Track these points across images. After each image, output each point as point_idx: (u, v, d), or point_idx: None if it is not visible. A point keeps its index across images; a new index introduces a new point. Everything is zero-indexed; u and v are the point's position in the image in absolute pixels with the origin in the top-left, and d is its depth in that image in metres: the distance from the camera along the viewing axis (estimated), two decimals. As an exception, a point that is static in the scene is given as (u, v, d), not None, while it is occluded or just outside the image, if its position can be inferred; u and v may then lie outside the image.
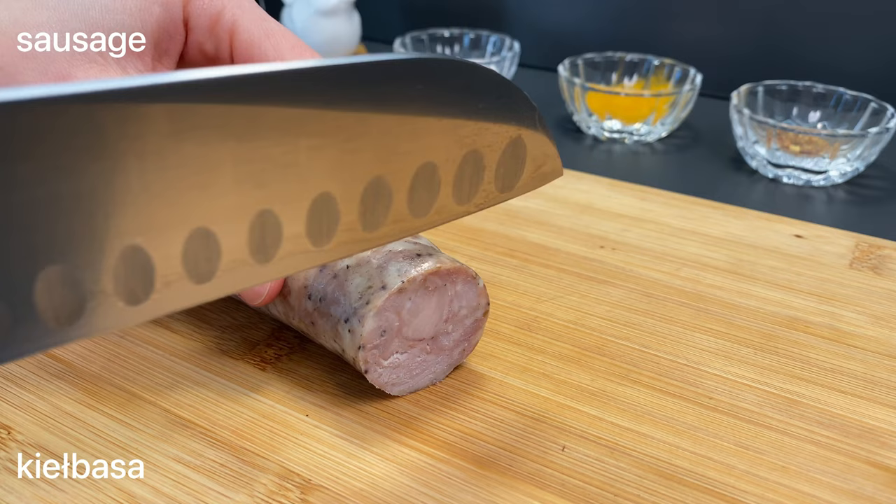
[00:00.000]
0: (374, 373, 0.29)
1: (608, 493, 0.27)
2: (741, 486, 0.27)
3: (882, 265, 0.41)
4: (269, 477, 0.27)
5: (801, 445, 0.29)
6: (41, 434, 0.29)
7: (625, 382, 0.32)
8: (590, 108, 0.59)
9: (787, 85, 0.57)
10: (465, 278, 0.30)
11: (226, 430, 0.29)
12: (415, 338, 0.30)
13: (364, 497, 0.26)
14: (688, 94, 0.57)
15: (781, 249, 0.42)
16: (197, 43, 0.30)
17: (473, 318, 0.31)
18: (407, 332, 0.29)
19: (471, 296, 0.31)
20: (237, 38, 0.30)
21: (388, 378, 0.30)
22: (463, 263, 0.30)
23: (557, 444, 0.29)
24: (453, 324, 0.31)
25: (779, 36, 0.67)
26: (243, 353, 0.33)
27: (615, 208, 0.46)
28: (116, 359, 0.33)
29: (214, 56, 0.31)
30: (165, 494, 0.26)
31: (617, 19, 0.73)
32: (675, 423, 0.30)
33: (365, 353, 0.28)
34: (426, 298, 0.29)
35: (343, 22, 0.69)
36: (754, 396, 0.31)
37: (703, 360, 0.33)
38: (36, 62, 0.27)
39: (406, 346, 0.30)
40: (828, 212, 0.49)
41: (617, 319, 0.36)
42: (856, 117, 0.54)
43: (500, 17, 0.78)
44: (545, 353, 0.34)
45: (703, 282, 0.39)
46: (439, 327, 0.30)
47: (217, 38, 0.30)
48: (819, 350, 0.34)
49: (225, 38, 0.30)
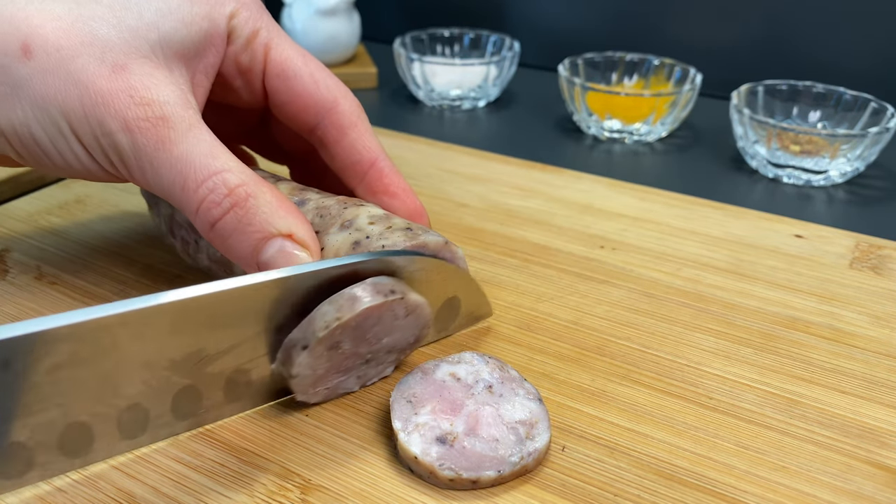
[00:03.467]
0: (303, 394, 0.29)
1: (608, 493, 0.27)
2: (741, 486, 0.27)
3: (882, 265, 0.41)
4: (269, 477, 0.27)
5: (801, 445, 0.29)
6: (41, 434, 0.29)
7: (625, 382, 0.32)
8: (590, 107, 0.59)
9: (788, 85, 0.57)
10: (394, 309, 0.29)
11: (226, 430, 0.29)
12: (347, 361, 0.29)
13: (364, 497, 0.26)
14: (688, 93, 0.57)
15: (781, 249, 0.42)
16: (234, 54, 0.32)
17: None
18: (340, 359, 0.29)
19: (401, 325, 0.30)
20: (272, 52, 0.32)
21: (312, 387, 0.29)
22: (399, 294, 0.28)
23: (557, 444, 0.29)
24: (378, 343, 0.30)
25: (779, 36, 0.67)
26: (243, 353, 0.33)
27: (615, 208, 0.46)
28: (116, 359, 0.33)
29: (248, 68, 0.33)
30: (165, 494, 0.26)
31: (617, 19, 0.73)
32: (676, 423, 0.30)
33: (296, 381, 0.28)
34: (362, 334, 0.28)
35: (343, 22, 0.69)
36: (754, 396, 0.31)
37: (703, 360, 0.33)
38: (94, 49, 0.28)
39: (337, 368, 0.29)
40: (828, 212, 0.49)
41: (617, 319, 0.36)
42: (856, 117, 0.54)
43: (500, 17, 0.78)
44: (545, 353, 0.34)
45: (703, 282, 0.39)
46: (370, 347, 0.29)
47: (253, 52, 0.32)
48: (819, 350, 0.34)
49: (260, 51, 0.32)
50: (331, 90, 0.33)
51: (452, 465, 0.26)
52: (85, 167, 0.29)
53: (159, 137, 0.27)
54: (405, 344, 0.31)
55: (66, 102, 0.27)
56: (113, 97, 0.27)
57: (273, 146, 0.39)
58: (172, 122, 0.28)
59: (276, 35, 0.33)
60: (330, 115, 0.33)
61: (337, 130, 0.33)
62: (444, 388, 0.29)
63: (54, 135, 0.28)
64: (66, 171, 0.30)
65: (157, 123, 0.27)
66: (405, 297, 0.28)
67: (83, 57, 0.27)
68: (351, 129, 0.33)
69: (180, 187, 0.28)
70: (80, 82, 0.27)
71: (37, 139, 0.28)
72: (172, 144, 0.27)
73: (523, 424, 0.28)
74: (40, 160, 0.29)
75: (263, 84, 0.33)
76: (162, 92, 0.28)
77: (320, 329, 0.27)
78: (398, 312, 0.28)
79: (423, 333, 0.31)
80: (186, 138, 0.28)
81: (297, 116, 0.34)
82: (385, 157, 0.34)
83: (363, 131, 0.34)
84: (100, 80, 0.27)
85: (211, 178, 0.28)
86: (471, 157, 0.53)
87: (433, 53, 0.70)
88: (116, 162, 0.28)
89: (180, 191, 0.28)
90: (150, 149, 0.27)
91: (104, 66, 0.28)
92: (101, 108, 0.27)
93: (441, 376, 0.30)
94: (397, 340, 0.30)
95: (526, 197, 0.48)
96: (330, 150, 0.34)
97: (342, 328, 0.27)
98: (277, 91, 0.33)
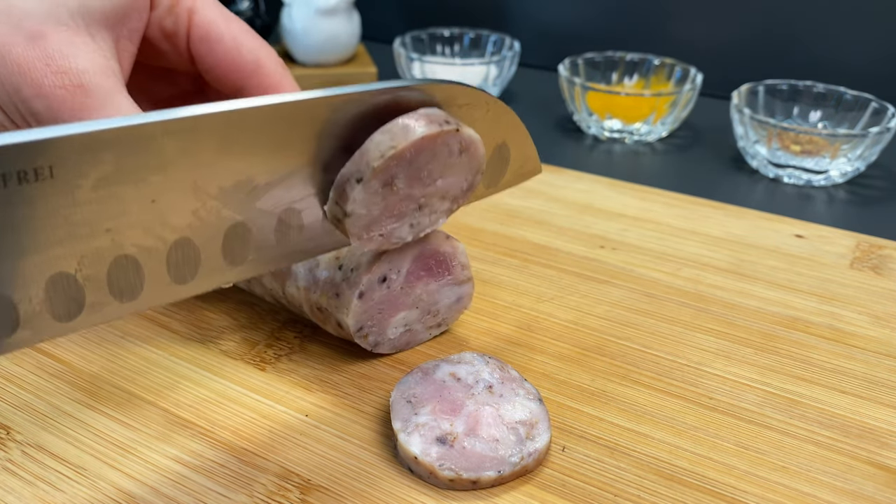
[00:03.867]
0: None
1: (608, 493, 0.27)
2: (741, 486, 0.27)
3: (882, 265, 0.41)
4: (268, 477, 0.27)
5: (801, 445, 0.29)
6: (41, 434, 0.29)
7: (625, 382, 0.32)
8: (590, 107, 0.59)
9: (788, 84, 0.57)
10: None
11: (226, 430, 0.29)
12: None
13: (364, 497, 0.26)
14: (688, 93, 0.57)
15: (782, 249, 0.42)
16: (158, 19, 0.33)
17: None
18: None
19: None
20: (196, 16, 0.33)
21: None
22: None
23: (557, 444, 0.29)
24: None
25: (779, 35, 0.67)
26: (243, 354, 0.33)
27: (615, 208, 0.46)
28: (116, 359, 0.33)
29: (173, 32, 0.33)
30: (165, 494, 0.26)
31: (617, 19, 0.72)
32: (676, 423, 0.30)
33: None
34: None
35: (343, 22, 0.69)
36: (755, 396, 0.31)
37: (703, 360, 0.33)
38: (11, 17, 0.28)
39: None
40: (828, 212, 0.49)
41: (617, 319, 0.36)
42: (856, 117, 0.54)
43: (500, 16, 0.78)
44: (545, 353, 0.34)
45: (703, 282, 0.39)
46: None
47: (177, 16, 0.33)
48: (820, 350, 0.34)
49: (184, 16, 0.33)
50: (252, 52, 0.34)
51: (452, 466, 0.26)
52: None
53: (77, 104, 0.28)
54: (458, 191, 0.30)
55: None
56: (29, 65, 0.28)
57: None
58: (90, 89, 0.28)
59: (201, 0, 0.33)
60: (254, 77, 0.34)
61: (262, 91, 0.34)
62: (445, 389, 0.29)
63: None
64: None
65: (74, 91, 0.28)
66: (460, 130, 0.28)
67: (1, 25, 0.28)
68: (274, 88, 0.34)
69: None
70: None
71: None
72: (90, 112, 0.28)
73: (523, 425, 0.28)
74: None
75: (188, 49, 0.34)
76: (80, 60, 0.28)
77: (375, 159, 0.26)
78: (453, 147, 0.28)
79: (476, 180, 0.30)
80: (105, 106, 0.28)
81: (223, 78, 0.34)
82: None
83: (287, 90, 0.34)
84: (16, 48, 0.28)
85: None
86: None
87: (433, 53, 0.70)
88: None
89: None
90: (66, 115, 0.28)
91: (20, 34, 0.28)
92: (17, 76, 0.28)
93: (441, 376, 0.30)
94: (450, 185, 0.29)
95: (526, 197, 0.47)
96: None
97: (397, 159, 0.26)
98: (202, 56, 0.34)
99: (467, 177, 0.29)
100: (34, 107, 0.28)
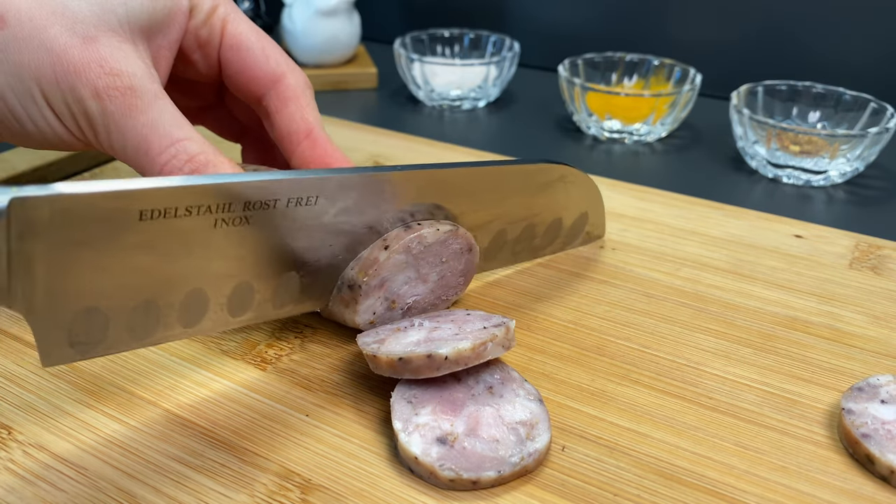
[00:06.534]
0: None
1: (608, 493, 0.27)
2: (741, 485, 0.27)
3: (882, 265, 0.41)
4: (269, 477, 0.27)
5: (800, 445, 0.29)
6: (41, 434, 0.29)
7: (625, 382, 0.32)
8: (590, 108, 0.59)
9: (787, 85, 0.57)
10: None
11: (226, 430, 0.29)
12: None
13: (364, 497, 0.26)
14: (688, 94, 0.57)
15: (781, 249, 0.42)
16: (194, 28, 0.34)
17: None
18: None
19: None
20: (229, 26, 0.35)
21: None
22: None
23: (557, 444, 0.29)
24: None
25: (778, 36, 0.67)
26: (243, 353, 0.33)
27: (615, 208, 0.46)
28: (117, 359, 0.33)
29: (206, 41, 0.35)
30: (165, 494, 0.26)
31: (617, 19, 0.73)
32: (675, 423, 0.30)
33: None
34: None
35: (343, 22, 0.69)
36: (754, 396, 0.31)
37: (702, 360, 0.33)
38: (65, 20, 0.29)
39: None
40: (827, 212, 0.49)
41: (617, 319, 0.36)
42: (855, 117, 0.54)
43: (500, 17, 0.78)
44: (545, 353, 0.34)
45: (702, 282, 0.39)
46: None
47: (212, 26, 0.35)
48: (819, 350, 0.34)
49: (218, 26, 0.35)
50: (280, 64, 0.35)
51: (453, 466, 0.26)
52: (55, 133, 0.31)
53: (127, 105, 0.29)
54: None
55: (39, 69, 0.29)
56: (84, 66, 0.29)
57: (227, 122, 0.41)
58: (139, 92, 0.29)
59: (233, 11, 0.35)
60: (276, 87, 0.35)
61: (280, 101, 0.35)
62: (445, 389, 0.29)
63: (27, 101, 0.30)
64: (36, 139, 0.31)
65: (125, 92, 0.29)
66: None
67: (55, 27, 0.29)
68: (293, 100, 0.35)
69: (144, 152, 0.29)
70: (53, 51, 0.29)
71: (10, 105, 0.30)
72: (139, 112, 0.29)
73: (523, 425, 0.28)
74: (11, 127, 0.31)
75: (219, 57, 0.35)
76: (130, 64, 0.30)
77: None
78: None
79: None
80: (153, 107, 0.29)
81: (246, 86, 0.36)
82: (321, 128, 0.35)
83: (304, 104, 0.35)
84: (72, 49, 0.29)
85: (174, 145, 0.29)
86: (471, 157, 0.53)
87: (433, 54, 0.70)
88: (85, 127, 0.30)
89: (144, 155, 0.29)
90: (118, 115, 0.29)
91: (75, 36, 0.29)
92: (73, 76, 0.29)
93: (441, 377, 0.30)
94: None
95: (526, 197, 0.47)
96: (271, 119, 0.36)
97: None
98: (230, 62, 0.35)
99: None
100: (88, 107, 0.29)
